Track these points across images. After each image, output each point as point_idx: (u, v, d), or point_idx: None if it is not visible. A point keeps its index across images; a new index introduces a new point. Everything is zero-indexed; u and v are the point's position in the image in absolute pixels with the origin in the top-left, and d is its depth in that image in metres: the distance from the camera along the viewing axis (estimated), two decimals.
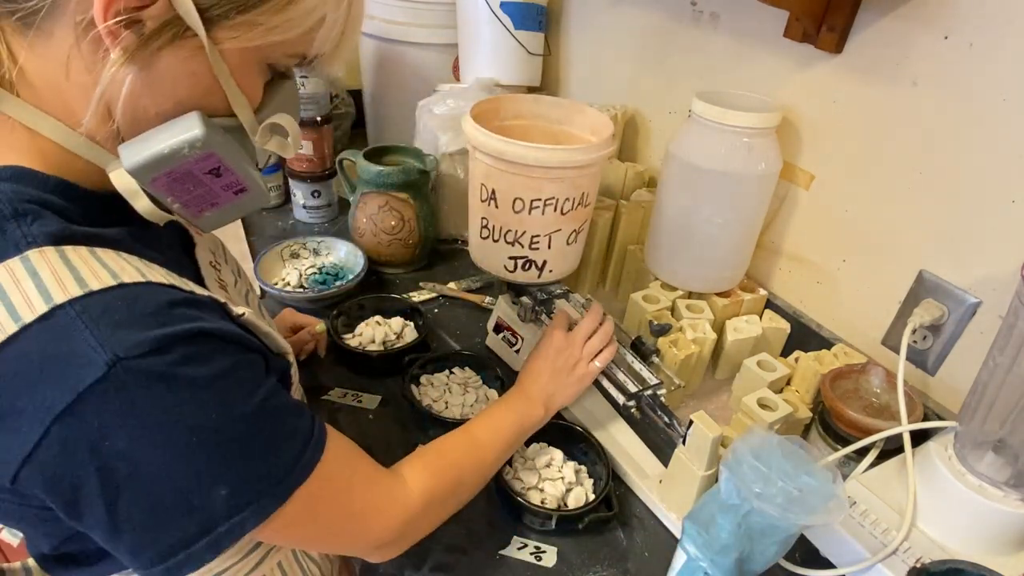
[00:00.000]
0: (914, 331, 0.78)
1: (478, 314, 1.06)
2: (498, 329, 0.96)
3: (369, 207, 1.08)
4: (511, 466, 0.76)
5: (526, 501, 0.70)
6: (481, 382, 0.89)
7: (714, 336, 0.89)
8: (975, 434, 0.63)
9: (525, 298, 0.90)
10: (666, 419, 0.74)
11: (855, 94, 0.83)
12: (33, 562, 0.58)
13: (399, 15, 1.27)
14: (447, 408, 0.83)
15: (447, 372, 0.90)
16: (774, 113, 0.83)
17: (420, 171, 1.08)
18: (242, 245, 1.17)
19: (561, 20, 1.33)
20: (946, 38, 0.72)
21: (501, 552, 0.69)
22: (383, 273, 1.14)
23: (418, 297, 1.07)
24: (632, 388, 0.75)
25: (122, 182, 0.45)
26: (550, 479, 0.74)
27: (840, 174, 0.88)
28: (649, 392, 0.76)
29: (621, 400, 0.76)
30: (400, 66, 1.32)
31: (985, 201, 0.73)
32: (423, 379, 0.88)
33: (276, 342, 0.53)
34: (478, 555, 0.69)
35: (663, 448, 0.81)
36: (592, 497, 0.73)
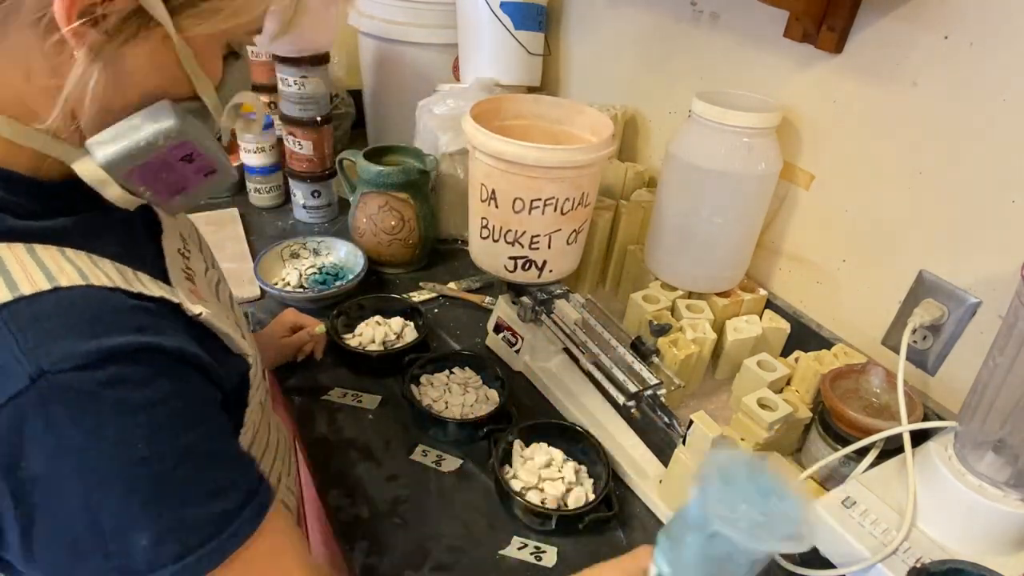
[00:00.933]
0: (914, 331, 0.78)
1: (478, 314, 1.06)
2: (498, 329, 0.96)
3: (369, 207, 1.08)
4: (511, 466, 0.76)
5: (526, 501, 0.71)
6: (481, 382, 0.89)
7: (714, 336, 0.89)
8: (975, 434, 0.63)
9: (525, 298, 0.90)
10: (666, 419, 0.74)
11: (855, 94, 0.83)
12: None
13: (399, 15, 1.27)
14: (447, 408, 0.83)
15: (447, 372, 0.90)
16: (774, 113, 0.83)
17: (420, 171, 1.08)
18: (242, 245, 1.16)
19: (561, 20, 1.32)
20: (946, 38, 0.72)
21: (501, 552, 0.69)
22: (383, 273, 1.14)
23: (418, 297, 1.07)
24: (632, 388, 0.75)
25: (91, 174, 0.43)
26: (550, 479, 0.74)
27: (840, 174, 0.88)
28: (649, 392, 0.76)
29: (621, 400, 0.76)
30: (400, 66, 1.32)
31: (985, 201, 0.73)
32: (423, 379, 0.88)
33: (235, 343, 0.50)
34: (478, 555, 0.69)
35: (663, 448, 0.81)
36: (592, 497, 0.73)
